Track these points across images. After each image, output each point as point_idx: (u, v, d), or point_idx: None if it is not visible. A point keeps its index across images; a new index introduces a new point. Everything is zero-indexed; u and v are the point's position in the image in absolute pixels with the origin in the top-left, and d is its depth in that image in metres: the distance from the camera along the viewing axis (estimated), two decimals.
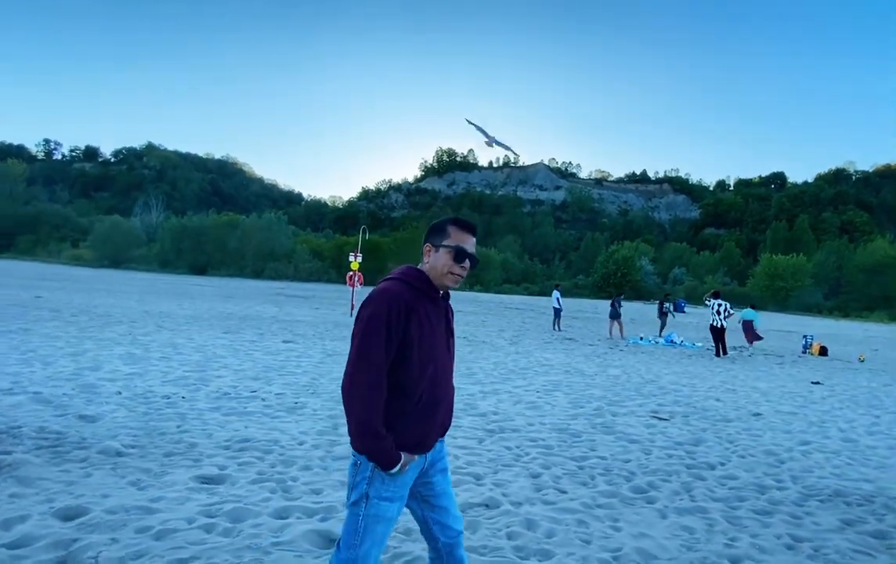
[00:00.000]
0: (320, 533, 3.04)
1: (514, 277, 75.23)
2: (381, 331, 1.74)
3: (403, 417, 1.82)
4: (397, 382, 1.80)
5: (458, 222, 1.94)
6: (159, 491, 3.45)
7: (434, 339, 1.86)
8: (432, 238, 1.92)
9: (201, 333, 11.28)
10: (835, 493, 4.34)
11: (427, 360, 1.83)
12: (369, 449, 1.77)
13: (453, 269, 1.88)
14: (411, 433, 1.84)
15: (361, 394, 1.74)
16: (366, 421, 1.74)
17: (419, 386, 1.82)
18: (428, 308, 1.86)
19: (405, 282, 1.86)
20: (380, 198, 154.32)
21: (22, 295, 17.59)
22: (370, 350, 1.74)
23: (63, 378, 6.30)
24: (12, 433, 4.29)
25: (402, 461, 1.80)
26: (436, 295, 1.91)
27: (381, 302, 1.77)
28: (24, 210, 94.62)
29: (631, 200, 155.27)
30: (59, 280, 29.92)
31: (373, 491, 1.83)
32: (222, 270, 66.63)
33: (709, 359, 13.48)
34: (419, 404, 1.84)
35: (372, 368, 1.73)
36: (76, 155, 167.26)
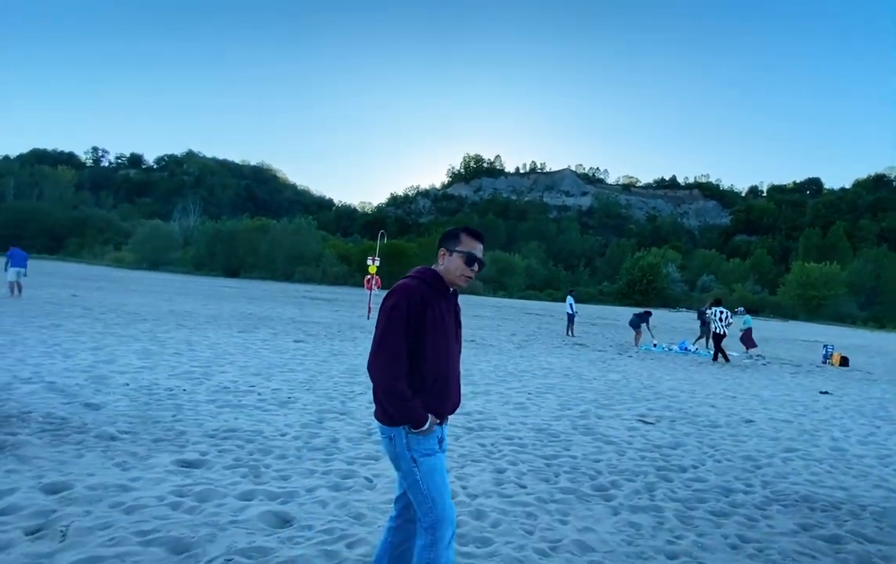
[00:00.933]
0: (277, 514, 3.23)
1: (537, 282, 74.72)
2: (401, 318, 2.05)
3: (423, 391, 2.10)
4: (416, 363, 2.09)
5: (469, 230, 2.25)
6: (140, 472, 3.71)
7: (445, 327, 2.17)
8: (447, 244, 2.24)
9: (218, 332, 11.72)
10: (802, 498, 4.32)
11: (439, 344, 2.13)
12: (400, 411, 2.06)
13: (465, 271, 2.20)
14: (431, 405, 2.12)
15: (384, 366, 2.05)
16: (392, 388, 2.04)
17: (434, 365, 2.12)
18: (440, 302, 2.17)
19: (422, 280, 2.17)
20: (408, 204, 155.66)
21: (60, 294, 18.51)
22: (392, 331, 2.05)
23: (79, 370, 6.70)
24: (22, 417, 4.65)
25: (430, 420, 2.10)
26: (447, 292, 2.23)
27: (401, 295, 2.09)
28: (72, 214, 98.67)
29: (659, 206, 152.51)
30: (98, 281, 31.26)
31: (416, 453, 2.10)
32: (254, 272, 68.22)
33: (718, 366, 13.25)
34: (435, 380, 2.13)
35: (393, 345, 2.04)
36: (122, 162, 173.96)
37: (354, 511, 3.36)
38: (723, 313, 14.42)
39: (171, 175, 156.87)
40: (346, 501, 3.50)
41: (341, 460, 4.31)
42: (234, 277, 65.25)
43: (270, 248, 70.60)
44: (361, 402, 6.36)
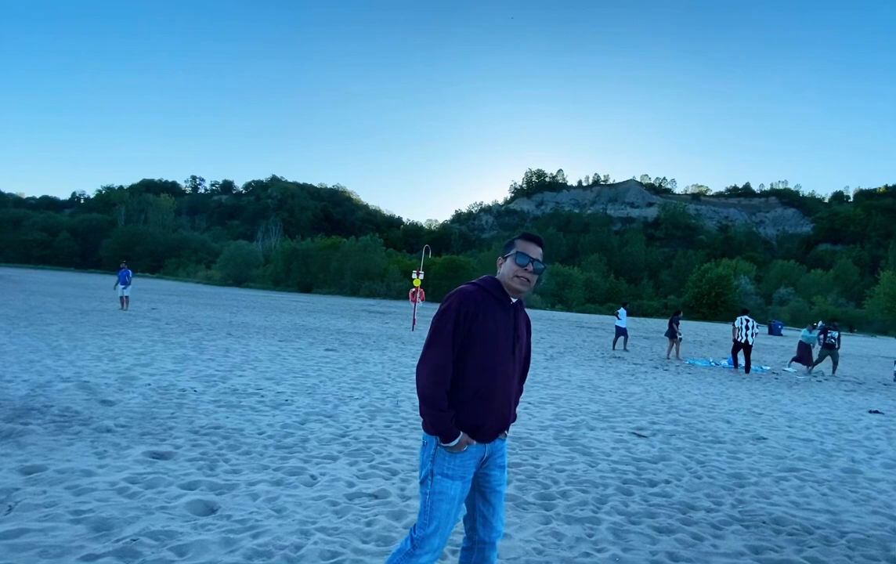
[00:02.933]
0: (206, 503, 3.39)
1: (598, 296, 72.35)
2: (451, 322, 1.95)
3: (462, 402, 1.98)
4: (459, 371, 1.98)
5: (525, 235, 2.17)
6: (112, 461, 4.02)
7: (497, 338, 2.02)
8: (504, 251, 2.18)
9: (259, 341, 12.38)
10: (773, 520, 3.91)
11: (487, 355, 1.99)
12: (431, 419, 1.96)
13: (518, 271, 2.06)
14: (468, 418, 1.98)
15: (428, 371, 1.95)
16: (430, 395, 1.94)
17: (474, 379, 1.98)
18: (496, 311, 2.04)
19: (479, 286, 2.08)
20: (471, 220, 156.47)
21: (143, 307, 20.31)
22: (441, 336, 1.95)
23: (116, 371, 7.35)
24: (41, 410, 5.18)
25: (459, 438, 1.95)
26: (506, 300, 2.09)
27: (455, 299, 2.01)
28: (171, 237, 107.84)
29: (732, 215, 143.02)
30: (182, 296, 33.93)
31: (436, 468, 1.99)
32: (325, 288, 71.25)
33: (764, 381, 12.21)
34: (475, 392, 1.98)
35: (440, 350, 1.94)
36: (215, 188, 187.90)
37: (280, 505, 3.46)
38: (751, 322, 13.66)
39: (257, 199, 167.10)
40: (277, 495, 3.61)
41: (299, 458, 4.44)
42: (308, 292, 68.44)
43: (340, 265, 73.48)
44: (353, 407, 6.49)
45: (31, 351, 8.38)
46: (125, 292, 18.61)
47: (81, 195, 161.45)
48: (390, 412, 6.32)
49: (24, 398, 5.55)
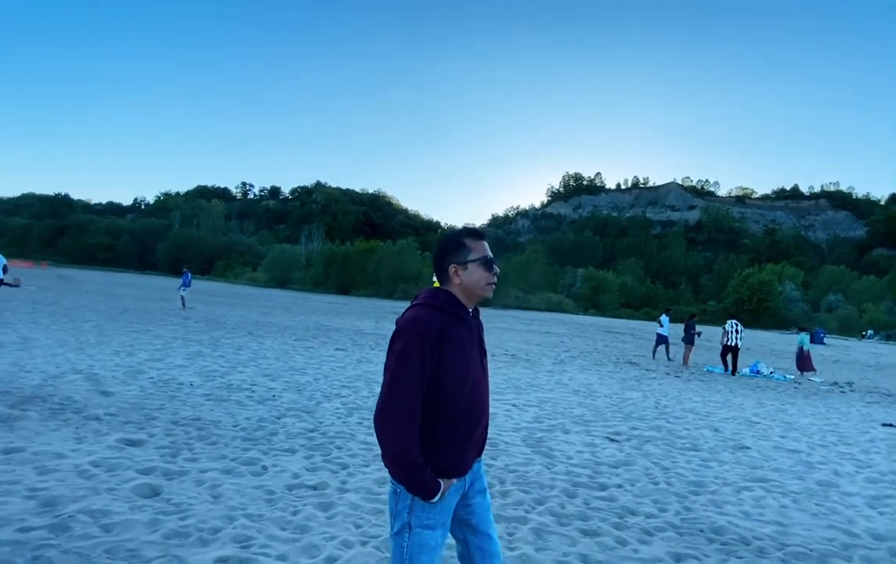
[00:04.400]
0: (152, 487, 3.61)
1: (634, 301, 70.46)
2: (414, 362, 1.65)
3: (440, 443, 1.74)
4: (433, 409, 1.72)
5: (471, 232, 1.89)
6: (87, 445, 4.33)
7: (468, 361, 1.78)
8: (453, 257, 1.83)
9: (275, 340, 12.82)
10: (713, 530, 3.80)
11: (462, 384, 1.75)
12: (408, 481, 1.69)
13: (490, 279, 1.84)
14: (449, 458, 1.76)
15: (395, 426, 1.66)
16: (402, 453, 1.66)
17: (456, 412, 1.74)
18: (460, 331, 1.78)
19: (435, 307, 1.76)
20: (507, 224, 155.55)
21: (178, 307, 21.34)
22: (403, 382, 1.65)
23: (127, 365, 7.82)
24: (44, 399, 5.60)
25: (442, 489, 1.72)
26: (467, 315, 1.84)
27: (414, 332, 1.67)
28: (221, 241, 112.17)
29: (780, 218, 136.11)
30: (225, 296, 35.35)
31: (415, 520, 1.73)
32: (362, 290, 72.53)
33: (779, 391, 11.66)
34: (456, 429, 1.76)
35: (405, 399, 1.65)
36: (263, 194, 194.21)
37: (219, 492, 3.65)
38: (738, 326, 14.30)
39: (302, 204, 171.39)
40: (221, 483, 3.80)
41: (260, 450, 4.63)
42: (345, 294, 69.80)
43: (376, 268, 74.69)
44: (335, 404, 6.67)
45: (59, 345, 9.02)
46: (184, 293, 20.45)
47: (142, 201, 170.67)
48: (368, 410, 6.46)
49: (35, 388, 6.01)
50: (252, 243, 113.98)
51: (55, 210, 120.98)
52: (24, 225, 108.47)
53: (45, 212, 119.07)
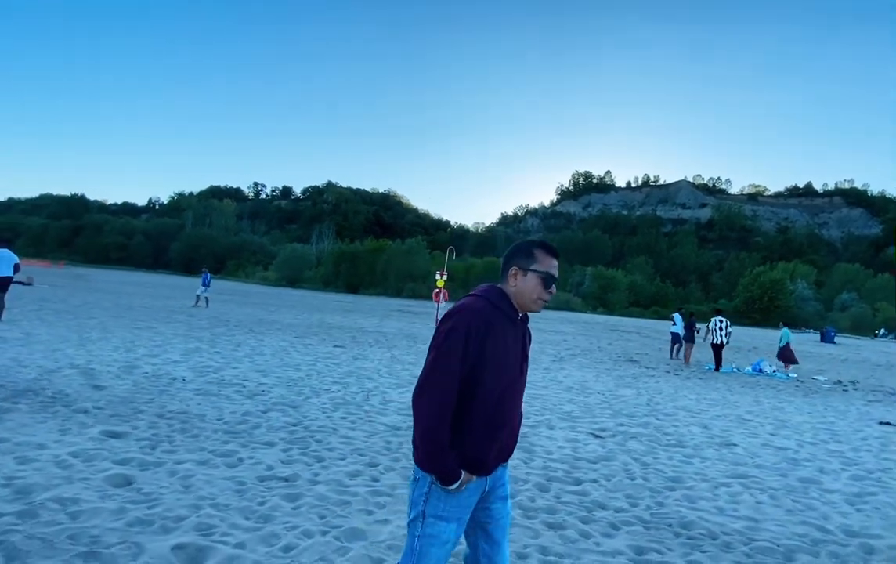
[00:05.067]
0: (126, 477, 3.67)
1: (643, 299, 69.90)
2: (458, 345, 1.68)
3: (467, 433, 1.73)
4: (465, 397, 1.72)
5: (545, 246, 1.88)
6: (70, 437, 4.41)
7: (508, 360, 1.78)
8: (519, 261, 1.85)
9: (274, 337, 12.94)
10: (682, 524, 3.79)
11: (498, 380, 1.75)
12: (431, 459, 1.70)
13: (542, 295, 1.83)
14: (472, 451, 1.74)
15: (431, 404, 1.68)
16: (432, 431, 1.67)
17: (486, 405, 1.74)
18: (507, 329, 1.79)
19: (488, 300, 1.79)
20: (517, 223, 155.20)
21: (188, 304, 21.62)
22: (446, 363, 1.67)
23: (124, 360, 7.95)
24: (37, 392, 5.72)
25: (461, 480, 1.71)
26: (516, 317, 1.84)
27: (462, 317, 1.71)
28: (233, 240, 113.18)
29: (793, 215, 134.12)
30: (234, 295, 35.69)
31: (429, 509, 1.74)
32: (371, 289, 72.81)
33: (779, 389, 11.53)
34: (484, 422, 1.74)
35: (445, 380, 1.67)
36: (275, 194, 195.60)
37: (191, 482, 3.71)
38: (723, 323, 14.54)
39: (313, 204, 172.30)
40: (194, 473, 3.86)
41: (239, 442, 4.70)
42: (354, 293, 70.13)
43: (385, 267, 74.93)
44: (322, 399, 6.72)
45: (60, 341, 9.19)
46: (205, 293, 21.02)
47: (156, 201, 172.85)
48: (355, 406, 6.51)
49: (29, 382, 6.14)
50: (263, 243, 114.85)
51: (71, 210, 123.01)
52: (41, 225, 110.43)
53: (62, 212, 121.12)
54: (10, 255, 10.16)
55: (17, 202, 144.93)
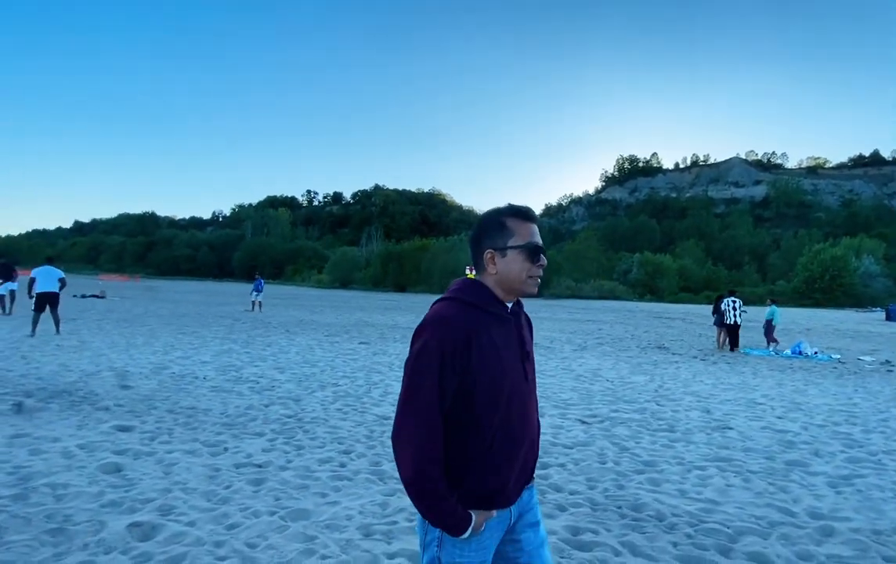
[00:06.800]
0: (116, 465, 4.05)
1: (694, 284, 66.78)
2: (433, 368, 1.35)
3: (472, 466, 1.41)
4: (461, 425, 1.40)
5: (517, 211, 1.50)
6: (84, 431, 4.89)
7: (504, 367, 1.43)
8: (490, 240, 1.49)
9: (308, 336, 13.49)
10: (633, 507, 3.73)
11: (497, 394, 1.41)
12: (428, 513, 1.38)
13: (532, 271, 1.48)
14: (485, 485, 1.42)
15: (409, 447, 1.36)
16: (417, 481, 1.35)
17: (490, 427, 1.41)
18: (493, 331, 1.44)
19: (463, 302, 1.45)
20: (561, 213, 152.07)
21: (238, 310, 22.82)
22: (420, 393, 1.36)
23: (158, 362, 8.59)
24: (70, 393, 6.33)
25: (474, 523, 1.39)
26: (503, 311, 1.49)
27: (432, 332, 1.38)
28: (289, 246, 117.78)
29: (858, 187, 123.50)
30: (286, 298, 37.25)
31: (445, 556, 1.42)
32: (417, 287, 73.77)
33: (811, 371, 10.82)
34: (491, 448, 1.42)
35: (422, 413, 1.35)
36: (327, 200, 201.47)
37: (172, 469, 4.03)
38: (737, 303, 14.08)
39: (362, 207, 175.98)
40: (178, 461, 4.20)
41: (231, 434, 5.02)
42: (402, 291, 71.30)
43: (429, 265, 75.66)
44: (327, 393, 7.00)
45: (109, 347, 10.04)
46: (259, 298, 21.99)
47: (220, 214, 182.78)
48: (354, 398, 6.75)
49: (68, 384, 6.80)
50: (317, 248, 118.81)
51: (144, 227, 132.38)
52: (119, 242, 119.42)
53: (137, 229, 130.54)
54: (55, 271, 11.09)
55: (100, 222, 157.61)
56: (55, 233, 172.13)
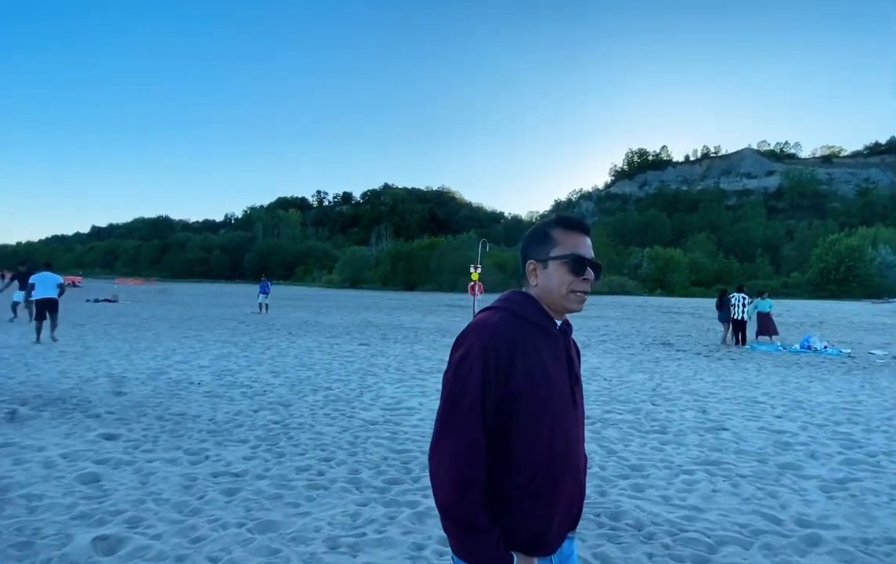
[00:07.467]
0: (94, 474, 4.03)
1: (705, 278, 65.89)
2: (475, 378, 1.22)
3: (510, 502, 1.25)
4: (499, 451, 1.26)
5: (565, 221, 1.40)
6: (70, 440, 4.90)
7: (551, 388, 1.29)
8: (534, 252, 1.38)
9: (309, 338, 13.51)
10: (611, 515, 3.61)
11: (543, 418, 1.27)
12: (462, 547, 1.23)
13: (575, 285, 1.34)
14: (524, 525, 1.26)
15: (447, 465, 1.22)
16: (455, 505, 1.21)
17: (532, 456, 1.26)
18: (541, 346, 1.31)
19: (510, 311, 1.33)
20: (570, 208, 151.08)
21: (245, 311, 22.98)
22: (460, 404, 1.22)
23: (156, 368, 8.63)
24: (63, 400, 6.37)
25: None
26: (552, 326, 1.37)
27: (476, 338, 1.25)
28: (299, 247, 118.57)
29: (874, 176, 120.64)
30: (295, 299, 37.47)
31: None
32: (426, 285, 73.87)
33: (825, 367, 10.56)
34: (533, 482, 1.26)
35: (466, 431, 1.21)
36: (337, 200, 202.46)
37: (148, 479, 4.01)
38: (745, 300, 14.22)
39: (372, 207, 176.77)
40: (156, 470, 4.18)
41: (215, 441, 5.00)
42: (411, 290, 71.43)
43: (439, 263, 75.70)
44: (318, 397, 6.97)
45: (110, 352, 10.13)
46: (266, 300, 21.98)
47: (232, 216, 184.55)
48: (344, 402, 6.71)
49: (63, 391, 6.85)
50: (327, 248, 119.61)
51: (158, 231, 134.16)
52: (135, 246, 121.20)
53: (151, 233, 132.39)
54: (54, 277, 11.20)
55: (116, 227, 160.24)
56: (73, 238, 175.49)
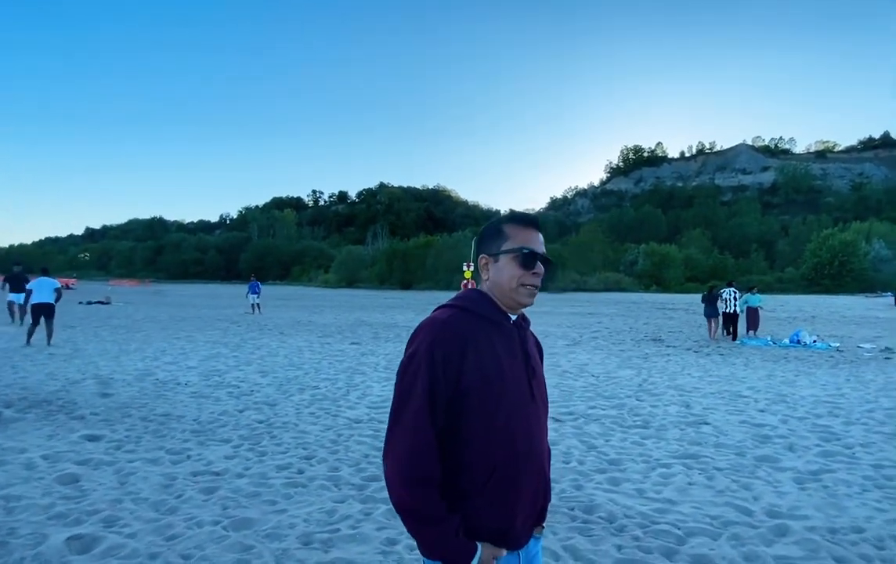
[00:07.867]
0: (74, 475, 4.05)
1: (700, 274, 66.15)
2: (423, 376, 1.22)
3: (469, 500, 1.24)
4: (454, 449, 1.25)
5: (516, 217, 1.41)
6: (53, 442, 4.91)
7: (504, 377, 1.28)
8: (487, 247, 1.40)
9: (300, 338, 13.52)
10: (585, 508, 3.66)
11: (497, 413, 1.26)
12: (422, 542, 1.22)
13: (525, 279, 1.34)
14: (485, 522, 1.24)
15: (397, 463, 1.21)
16: (406, 502, 1.20)
17: (489, 452, 1.25)
18: (494, 341, 1.31)
19: (461, 308, 1.33)
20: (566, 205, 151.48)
21: (239, 312, 22.95)
22: (409, 402, 1.22)
23: (143, 369, 8.64)
24: (49, 402, 6.38)
25: (479, 556, 1.21)
26: (504, 320, 1.37)
27: (425, 337, 1.26)
28: (295, 247, 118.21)
29: (868, 170, 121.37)
30: (290, 299, 37.42)
31: None
32: (423, 284, 73.81)
33: (812, 361, 10.65)
34: (491, 478, 1.25)
35: (414, 429, 1.21)
36: (332, 199, 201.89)
37: (128, 479, 4.03)
38: (736, 294, 14.50)
39: (368, 206, 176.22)
40: (137, 470, 4.20)
41: (198, 441, 5.03)
42: (408, 289, 71.36)
43: (434, 262, 75.67)
44: (304, 396, 7.00)
45: (99, 354, 10.13)
46: (256, 301, 22.00)
47: (227, 217, 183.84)
48: (330, 401, 6.74)
49: (49, 393, 6.85)
50: (323, 248, 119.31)
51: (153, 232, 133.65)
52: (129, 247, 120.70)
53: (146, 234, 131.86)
54: (50, 282, 11.21)
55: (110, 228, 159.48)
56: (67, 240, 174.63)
